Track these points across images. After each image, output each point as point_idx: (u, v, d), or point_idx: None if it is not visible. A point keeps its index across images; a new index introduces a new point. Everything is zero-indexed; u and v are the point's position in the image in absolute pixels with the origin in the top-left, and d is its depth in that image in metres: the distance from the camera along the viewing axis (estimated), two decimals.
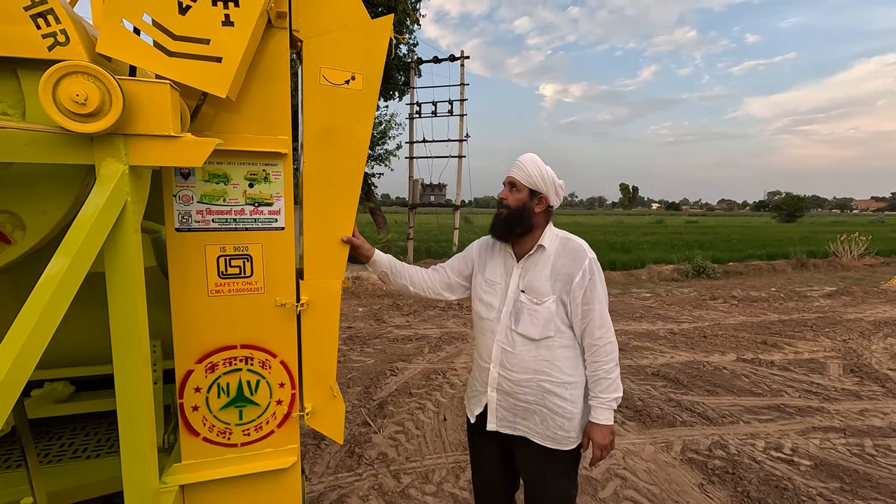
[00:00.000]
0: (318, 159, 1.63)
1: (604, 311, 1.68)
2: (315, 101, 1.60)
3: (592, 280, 1.65)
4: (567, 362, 1.68)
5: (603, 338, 1.66)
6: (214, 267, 1.53)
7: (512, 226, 1.71)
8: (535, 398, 1.69)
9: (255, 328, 1.60)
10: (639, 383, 4.38)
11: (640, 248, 17.85)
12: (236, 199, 1.53)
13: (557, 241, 1.73)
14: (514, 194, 1.70)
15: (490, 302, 1.78)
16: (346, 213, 1.73)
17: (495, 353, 1.75)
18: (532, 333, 1.67)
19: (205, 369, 1.57)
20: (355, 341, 5.66)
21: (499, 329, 1.74)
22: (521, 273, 1.73)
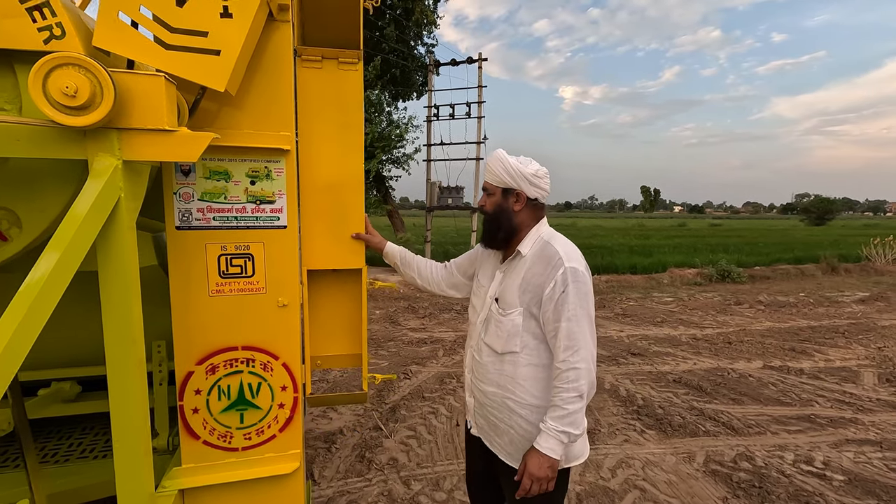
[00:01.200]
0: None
1: (573, 331, 1.40)
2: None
3: (565, 293, 1.40)
4: (534, 383, 1.50)
5: (567, 361, 1.39)
6: (215, 266, 1.49)
7: (493, 232, 1.58)
8: (502, 415, 1.56)
9: (257, 329, 1.56)
10: (660, 390, 4.24)
11: (661, 251, 17.48)
12: (237, 197, 1.49)
13: (538, 246, 1.53)
14: (490, 198, 1.59)
15: (475, 304, 1.72)
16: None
17: (468, 359, 1.70)
18: (495, 345, 1.55)
19: (205, 371, 1.54)
20: (370, 344, 5.63)
21: (474, 335, 1.67)
22: (501, 278, 1.60)
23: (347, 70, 1.81)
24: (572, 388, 1.38)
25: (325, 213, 1.84)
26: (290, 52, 1.48)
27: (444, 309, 7.56)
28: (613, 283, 11.44)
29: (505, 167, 1.52)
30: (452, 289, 1.89)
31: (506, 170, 1.52)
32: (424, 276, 1.91)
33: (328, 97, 1.79)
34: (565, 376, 1.39)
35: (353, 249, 1.93)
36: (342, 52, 1.76)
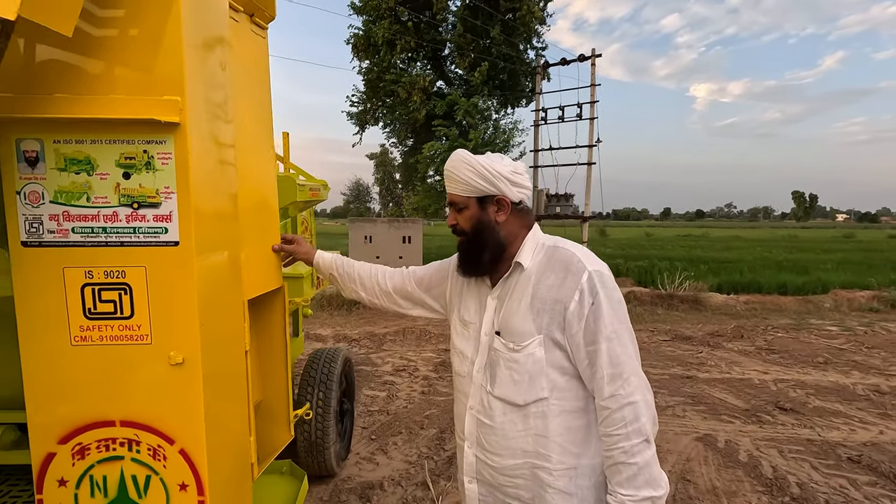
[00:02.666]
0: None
1: (617, 353, 1.02)
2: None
3: (596, 305, 1.04)
4: (571, 435, 1.10)
5: (618, 397, 1.01)
6: (79, 301, 1.00)
7: (476, 254, 1.17)
8: (530, 494, 1.13)
9: (141, 397, 1.03)
10: (827, 474, 2.99)
11: (821, 268, 14.53)
12: (105, 198, 0.98)
13: (542, 254, 1.15)
14: (463, 214, 1.18)
15: (463, 350, 1.24)
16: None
17: (469, 427, 1.20)
18: (514, 396, 1.11)
19: (72, 454, 1.04)
20: (447, 368, 5.04)
21: (472, 391, 1.20)
22: (496, 306, 1.18)
23: (258, 34, 1.26)
24: (634, 432, 1.00)
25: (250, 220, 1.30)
26: None
27: None
28: (755, 306, 9.50)
29: (476, 170, 1.13)
30: (406, 300, 1.43)
31: (478, 173, 1.13)
32: (369, 288, 1.46)
33: (242, 64, 1.25)
34: (619, 417, 1.01)
35: (273, 264, 1.43)
36: (259, 7, 1.22)
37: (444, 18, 12.41)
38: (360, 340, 6.16)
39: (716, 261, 16.54)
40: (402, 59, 12.58)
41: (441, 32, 12.54)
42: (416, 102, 11.87)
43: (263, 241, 1.42)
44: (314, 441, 2.61)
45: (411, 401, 4.13)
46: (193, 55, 0.99)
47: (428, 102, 12.20)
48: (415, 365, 5.14)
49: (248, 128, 1.32)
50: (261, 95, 1.41)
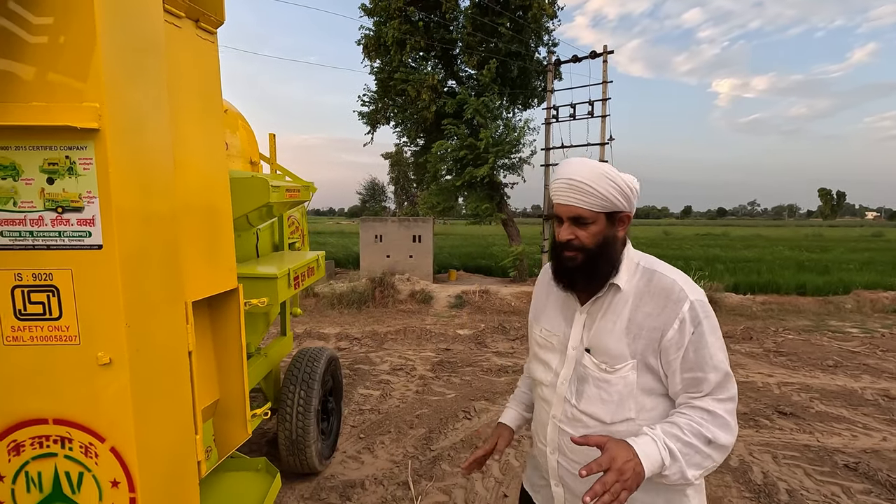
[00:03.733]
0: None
1: (725, 384, 1.04)
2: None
3: (697, 335, 1.04)
4: None
5: (717, 411, 1.02)
6: (9, 302, 1.03)
7: (593, 272, 1.13)
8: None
9: (71, 396, 1.06)
10: (820, 480, 2.90)
11: (844, 268, 14.09)
12: (31, 203, 1.01)
13: (639, 277, 1.14)
14: (588, 229, 1.11)
15: (546, 360, 1.24)
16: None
17: (552, 435, 1.20)
18: (601, 415, 1.12)
19: (7, 450, 1.08)
20: (445, 367, 5.04)
21: (555, 401, 1.19)
22: (584, 321, 1.17)
23: (206, 39, 1.28)
24: (710, 426, 1.01)
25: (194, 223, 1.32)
26: None
27: None
28: (772, 307, 9.25)
29: (618, 186, 1.09)
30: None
31: (619, 189, 1.09)
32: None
33: (185, 70, 1.26)
34: (712, 418, 1.02)
35: (226, 266, 1.44)
36: (204, 13, 1.23)
37: (453, 17, 12.38)
38: (361, 339, 6.20)
39: (733, 260, 16.18)
40: (413, 59, 12.59)
41: (451, 31, 12.51)
42: (425, 101, 11.87)
43: (212, 243, 1.44)
44: (295, 439, 2.64)
45: (404, 400, 4.15)
46: (115, 62, 1.01)
47: (438, 101, 12.19)
48: (412, 364, 5.16)
49: (192, 130, 1.34)
50: (209, 98, 1.43)
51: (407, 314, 8.27)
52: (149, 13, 1.15)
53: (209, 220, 1.43)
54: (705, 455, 1.01)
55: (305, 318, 7.70)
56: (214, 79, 1.47)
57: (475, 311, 8.51)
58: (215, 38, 1.45)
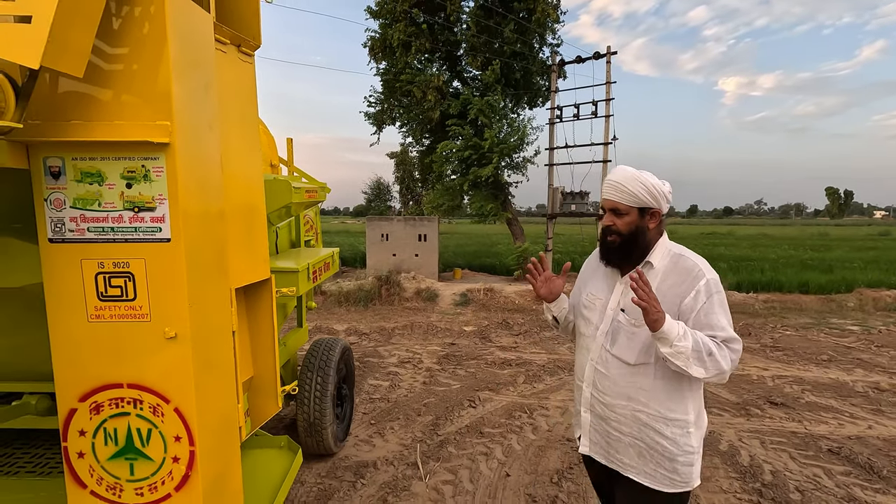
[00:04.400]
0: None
1: (731, 340, 1.41)
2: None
3: (710, 303, 1.42)
4: (670, 395, 1.47)
5: (724, 347, 1.39)
6: (93, 286, 1.25)
7: (628, 252, 1.54)
8: (630, 430, 1.52)
9: (143, 364, 1.28)
10: (804, 463, 3.08)
11: (847, 266, 14.12)
12: (113, 203, 1.23)
13: (668, 259, 1.52)
14: (622, 219, 1.52)
15: (589, 317, 1.64)
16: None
17: (588, 373, 1.61)
18: (627, 357, 1.51)
19: (89, 409, 1.30)
20: (451, 360, 5.25)
21: (594, 347, 1.60)
22: (623, 290, 1.56)
23: (245, 61, 1.49)
24: (715, 348, 1.37)
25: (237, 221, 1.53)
26: (165, 24, 1.17)
27: (545, 327, 6.86)
28: (774, 305, 9.35)
29: (647, 188, 1.48)
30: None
31: (648, 190, 1.48)
32: (571, 327, 1.77)
33: (230, 88, 1.48)
34: (720, 348, 1.39)
35: (261, 258, 1.67)
36: (245, 39, 1.44)
37: (457, 19, 12.56)
38: (370, 334, 6.42)
39: (737, 259, 16.24)
40: (418, 60, 12.77)
41: (456, 33, 12.69)
42: (430, 102, 12.06)
43: (250, 238, 1.65)
44: (312, 422, 2.86)
45: (412, 390, 4.36)
46: (181, 86, 1.22)
47: (442, 102, 12.38)
48: (419, 357, 5.37)
49: (235, 140, 1.55)
50: (248, 111, 1.64)
51: (413, 311, 8.46)
52: (205, 43, 1.36)
53: (248, 218, 1.64)
54: (703, 361, 1.35)
55: (315, 315, 7.92)
56: (252, 93, 1.68)
57: (480, 309, 8.69)
58: (253, 59, 1.67)
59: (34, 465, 2.01)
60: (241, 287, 1.62)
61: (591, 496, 2.70)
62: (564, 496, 2.69)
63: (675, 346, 1.34)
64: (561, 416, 3.79)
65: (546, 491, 2.74)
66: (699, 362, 1.35)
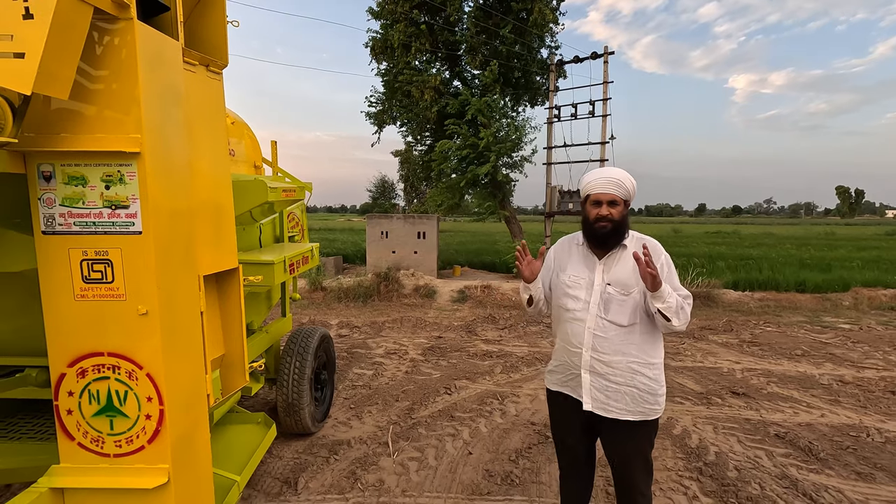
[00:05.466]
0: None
1: (688, 294, 1.88)
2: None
3: (670, 271, 1.91)
4: (650, 346, 1.89)
5: (686, 298, 1.86)
6: (79, 271, 1.50)
7: (620, 235, 1.91)
8: (624, 380, 1.86)
9: (120, 336, 1.53)
10: (748, 446, 3.29)
11: (847, 266, 14.14)
12: (94, 202, 1.48)
13: (635, 240, 1.94)
14: (616, 209, 1.88)
15: (576, 295, 1.96)
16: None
17: (587, 339, 1.91)
18: (621, 320, 1.87)
19: (76, 374, 1.55)
20: (435, 352, 5.49)
21: (588, 318, 1.91)
22: (603, 269, 1.93)
23: (214, 78, 1.73)
24: (682, 305, 1.82)
25: (205, 217, 1.78)
26: (135, 52, 1.42)
27: (532, 322, 7.08)
28: (769, 303, 9.42)
29: (633, 182, 1.92)
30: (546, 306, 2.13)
31: (633, 184, 1.92)
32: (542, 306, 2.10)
33: (198, 103, 1.72)
34: (684, 300, 1.84)
35: (229, 250, 1.91)
36: (213, 59, 1.69)
37: (457, 20, 12.76)
38: (361, 327, 6.68)
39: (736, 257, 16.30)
40: (418, 60, 12.99)
41: (455, 34, 12.89)
42: (427, 102, 12.29)
43: (218, 232, 1.89)
44: (290, 402, 3.11)
45: (394, 379, 4.61)
46: (150, 103, 1.46)
47: (440, 101, 12.59)
48: (405, 349, 5.62)
49: (204, 147, 1.79)
50: (216, 121, 1.88)
51: (410, 308, 8.67)
52: (173, 65, 1.60)
53: (217, 214, 1.89)
54: (678, 314, 1.78)
55: (313, 309, 8.19)
56: (220, 106, 1.92)
57: (476, 306, 8.89)
58: (221, 77, 1.91)
59: (35, 432, 2.27)
60: (211, 274, 1.87)
61: (543, 472, 2.93)
62: (519, 472, 2.92)
63: (667, 301, 1.76)
64: (530, 402, 4.03)
65: (503, 467, 2.98)
66: (677, 315, 1.78)
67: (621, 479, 1.98)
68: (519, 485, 2.80)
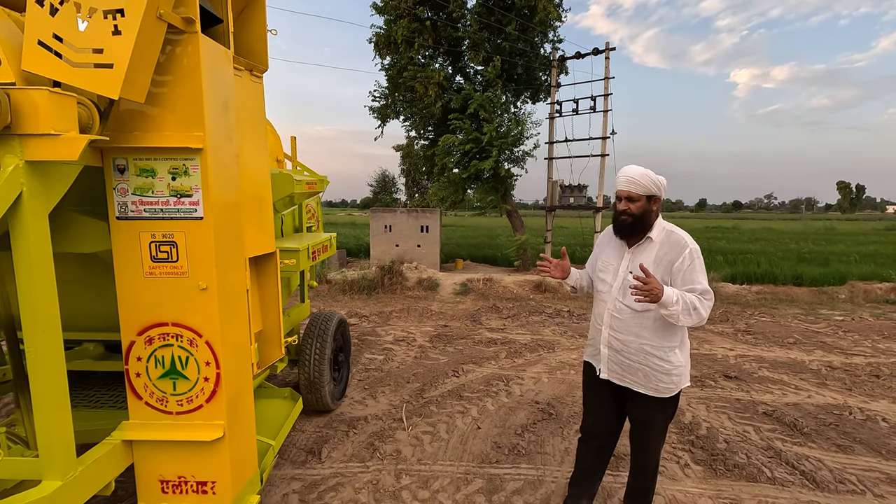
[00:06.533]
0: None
1: (706, 292, 1.95)
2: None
3: (692, 265, 1.98)
4: (665, 331, 2.03)
5: (702, 299, 1.93)
6: (148, 252, 1.73)
7: (638, 229, 2.07)
8: (637, 358, 2.05)
9: (183, 308, 1.76)
10: (738, 422, 3.52)
11: (844, 260, 14.34)
12: (162, 191, 1.70)
13: (663, 234, 2.07)
14: (635, 204, 2.03)
15: (604, 278, 2.19)
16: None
17: (606, 318, 2.15)
18: (635, 306, 2.03)
19: (144, 341, 1.78)
20: (441, 339, 5.72)
21: (609, 299, 2.15)
22: (630, 257, 2.11)
23: (256, 82, 1.95)
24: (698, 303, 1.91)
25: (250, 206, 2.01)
26: (199, 61, 1.63)
27: (533, 311, 7.31)
28: (766, 296, 9.57)
29: (653, 180, 2.02)
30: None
31: (654, 182, 2.02)
32: (586, 289, 2.35)
33: (244, 104, 1.94)
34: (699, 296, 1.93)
35: (268, 236, 2.16)
36: (255, 65, 1.91)
37: (461, 16, 12.92)
38: (369, 317, 6.92)
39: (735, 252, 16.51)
40: (421, 56, 13.15)
41: (458, 29, 13.04)
42: (431, 97, 12.46)
43: (260, 220, 2.12)
44: (312, 380, 3.35)
45: (404, 363, 4.85)
46: (210, 105, 1.68)
47: (444, 96, 12.76)
48: (413, 336, 5.85)
49: (248, 145, 2.01)
50: (258, 121, 2.11)
51: (414, 300, 8.87)
52: (226, 70, 1.82)
53: (258, 205, 2.11)
54: (690, 314, 1.90)
55: (320, 301, 8.42)
56: (261, 107, 2.14)
57: (478, 298, 9.08)
58: (262, 80, 2.13)
59: (90, 402, 2.50)
60: (253, 257, 2.09)
61: (547, 444, 3.17)
62: (525, 444, 3.17)
63: (669, 309, 1.88)
64: (534, 384, 4.27)
65: (510, 440, 3.22)
66: (687, 315, 1.90)
67: (637, 441, 2.22)
68: (525, 455, 3.04)
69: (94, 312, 2.25)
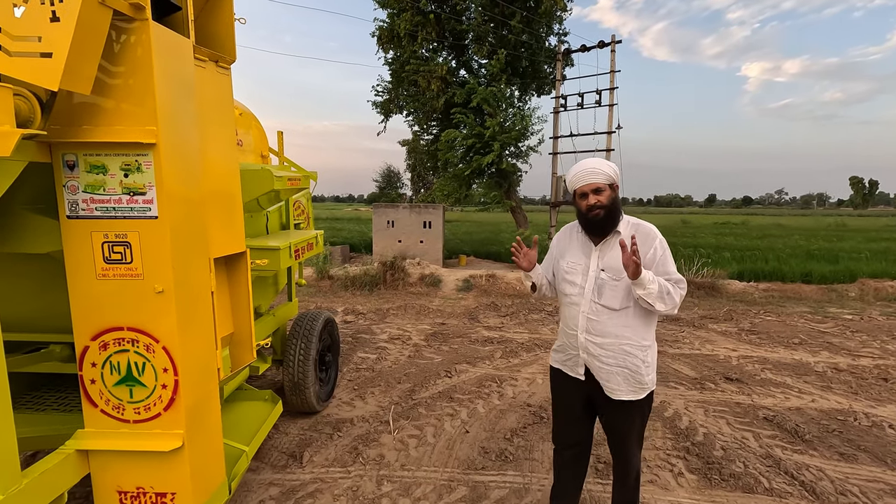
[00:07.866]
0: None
1: (679, 281, 1.92)
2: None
3: (665, 255, 1.95)
4: (642, 328, 1.97)
5: (676, 287, 1.90)
6: (100, 252, 1.64)
7: (614, 220, 1.97)
8: (616, 361, 1.95)
9: (139, 312, 1.67)
10: (737, 428, 3.40)
11: (855, 257, 14.04)
12: (114, 189, 1.61)
13: (629, 227, 1.99)
14: (603, 194, 1.94)
15: (573, 280, 2.06)
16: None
17: (581, 322, 2.02)
18: (613, 304, 1.95)
19: (99, 346, 1.70)
20: (437, 338, 5.63)
21: (583, 302, 2.01)
22: (598, 255, 2.02)
23: (223, 73, 1.84)
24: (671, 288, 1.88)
25: (215, 204, 1.91)
26: (150, 50, 1.53)
27: (533, 310, 7.19)
28: (773, 294, 9.38)
29: (610, 167, 1.96)
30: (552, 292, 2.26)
31: (612, 168, 1.96)
32: (545, 290, 2.24)
33: (208, 97, 1.83)
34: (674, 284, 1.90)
35: (237, 235, 2.04)
36: (221, 56, 1.80)
37: (464, 9, 12.74)
38: (366, 314, 6.84)
39: (743, 248, 16.25)
40: (425, 49, 13.00)
41: (462, 22, 12.87)
42: (433, 91, 12.32)
43: (228, 218, 2.02)
44: (296, 381, 3.27)
45: (397, 363, 4.76)
46: (164, 97, 1.58)
47: (447, 91, 12.62)
48: (409, 334, 5.76)
49: (214, 138, 1.91)
50: (225, 114, 2.00)
51: (415, 296, 8.78)
52: (185, 61, 1.72)
53: (226, 202, 2.01)
54: (664, 298, 1.85)
55: (320, 297, 8.35)
56: (228, 99, 2.04)
57: (481, 294, 8.98)
58: (229, 72, 2.03)
59: (58, 404, 2.44)
60: (221, 257, 2.00)
61: (536, 450, 3.07)
62: (513, 449, 3.06)
63: (647, 288, 1.83)
64: (528, 386, 4.16)
65: (498, 445, 3.12)
66: (661, 300, 1.85)
67: (617, 450, 2.12)
68: (513, 461, 2.94)
69: (60, 313, 2.15)
